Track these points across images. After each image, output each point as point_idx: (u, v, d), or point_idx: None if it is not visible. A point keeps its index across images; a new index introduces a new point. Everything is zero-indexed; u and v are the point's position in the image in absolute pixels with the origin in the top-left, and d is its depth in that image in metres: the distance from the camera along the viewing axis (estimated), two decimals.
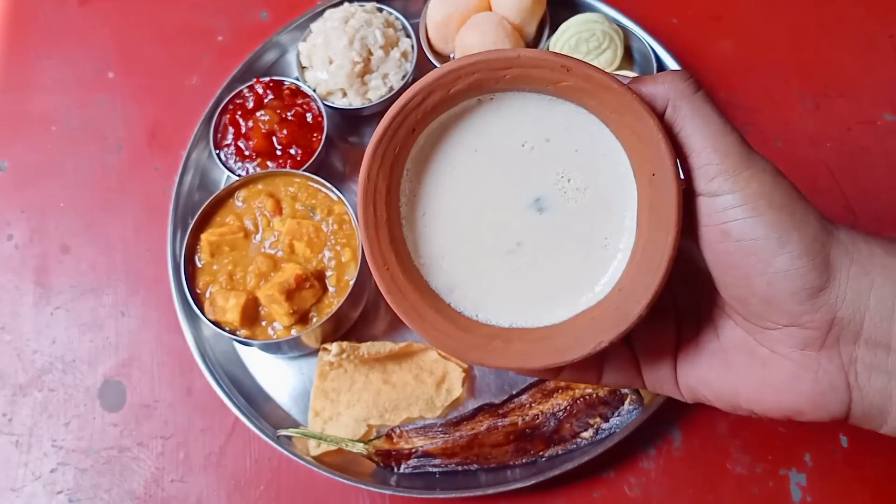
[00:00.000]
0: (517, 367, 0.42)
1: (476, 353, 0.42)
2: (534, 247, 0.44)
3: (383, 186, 0.43)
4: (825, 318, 0.39)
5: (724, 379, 0.44)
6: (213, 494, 0.77)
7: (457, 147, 0.45)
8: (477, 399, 0.78)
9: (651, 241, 0.41)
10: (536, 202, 0.44)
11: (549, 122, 0.44)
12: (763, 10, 0.97)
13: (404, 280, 0.43)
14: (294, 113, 0.86)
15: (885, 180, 0.86)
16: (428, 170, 0.45)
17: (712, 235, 0.40)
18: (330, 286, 0.76)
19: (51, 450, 0.80)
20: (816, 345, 0.40)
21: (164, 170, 0.92)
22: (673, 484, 0.74)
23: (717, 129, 0.40)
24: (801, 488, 0.73)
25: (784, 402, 0.41)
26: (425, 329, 0.43)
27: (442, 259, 0.44)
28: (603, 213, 0.43)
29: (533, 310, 0.44)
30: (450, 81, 0.42)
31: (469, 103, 0.44)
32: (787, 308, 0.39)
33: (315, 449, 0.75)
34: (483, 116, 0.44)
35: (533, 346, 0.42)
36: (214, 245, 0.78)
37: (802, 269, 0.38)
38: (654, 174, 0.40)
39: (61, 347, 0.84)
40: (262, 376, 0.81)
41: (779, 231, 0.38)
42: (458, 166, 0.44)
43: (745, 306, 0.41)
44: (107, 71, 1.00)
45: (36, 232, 0.90)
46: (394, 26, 0.91)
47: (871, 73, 0.92)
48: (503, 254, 0.44)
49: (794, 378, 0.41)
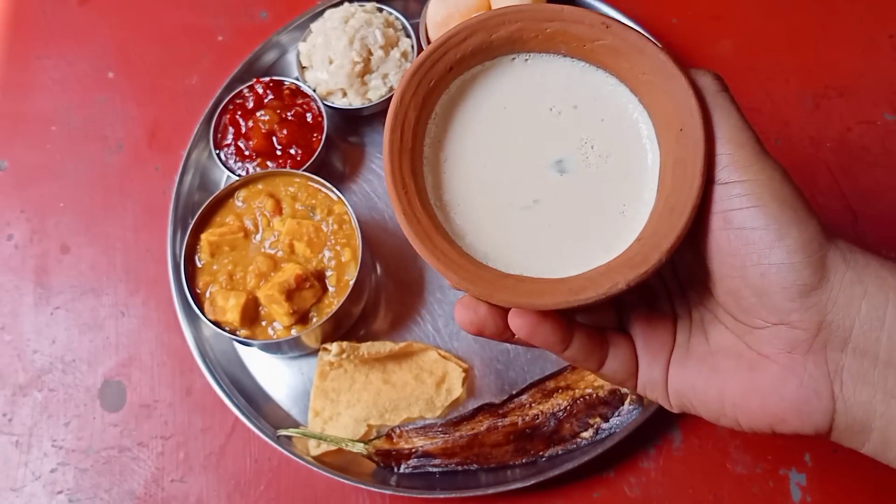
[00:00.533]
0: (528, 304, 0.40)
1: (485, 286, 0.40)
2: (550, 206, 0.44)
3: (413, 116, 0.43)
4: (814, 319, 0.39)
5: (711, 384, 0.43)
6: (213, 494, 0.77)
7: (487, 102, 0.46)
8: (477, 399, 0.78)
9: (675, 192, 0.40)
10: (558, 164, 0.44)
11: (578, 90, 0.45)
12: (763, 10, 0.97)
13: (421, 209, 0.42)
14: (294, 113, 0.86)
15: (885, 180, 0.86)
16: (456, 118, 0.45)
17: (715, 222, 0.40)
18: (330, 286, 0.76)
19: (51, 450, 0.80)
20: (803, 348, 0.40)
21: (164, 170, 0.92)
22: (673, 484, 0.74)
23: (735, 124, 0.40)
24: (801, 488, 0.73)
25: (768, 407, 0.41)
26: (436, 256, 0.41)
27: (457, 206, 0.44)
28: (623, 180, 0.43)
29: (544, 264, 0.43)
30: (494, 25, 0.44)
31: (504, 61, 0.45)
32: (777, 303, 0.39)
33: (315, 449, 0.75)
34: (516, 76, 0.46)
35: (545, 286, 0.41)
36: (214, 245, 0.78)
37: (797, 265, 0.38)
38: (682, 129, 0.40)
39: (61, 347, 0.84)
40: (262, 376, 0.82)
41: (779, 223, 0.38)
42: (485, 120, 0.45)
43: (737, 301, 0.41)
44: (107, 71, 1.00)
45: (36, 232, 0.90)
46: (394, 26, 0.91)
47: (871, 73, 0.92)
48: (519, 209, 0.44)
49: (779, 382, 0.40)
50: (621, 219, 0.43)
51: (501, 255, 0.43)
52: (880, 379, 0.39)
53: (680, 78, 0.41)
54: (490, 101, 0.46)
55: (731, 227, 0.39)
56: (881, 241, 0.83)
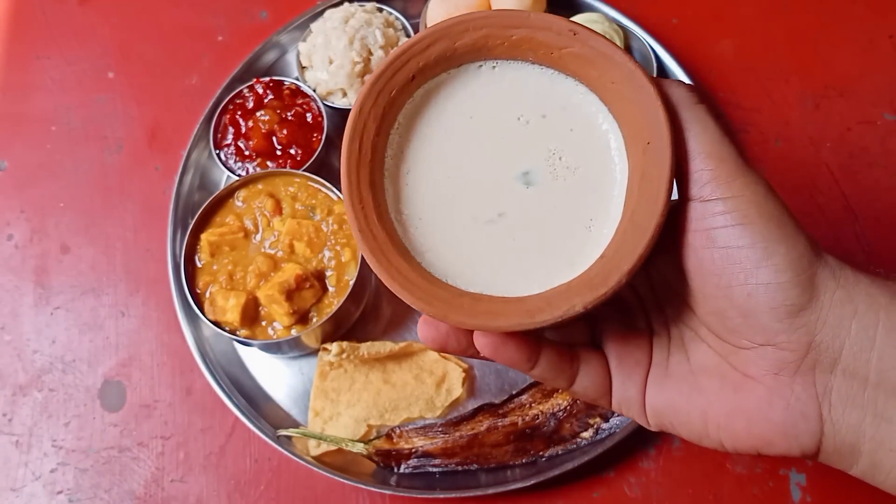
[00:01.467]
0: (482, 326, 0.38)
1: (440, 306, 0.39)
2: (515, 219, 0.42)
3: (373, 127, 0.42)
4: (802, 340, 0.37)
5: (693, 404, 0.41)
6: (213, 494, 0.77)
7: (452, 111, 0.44)
8: (477, 399, 0.78)
9: (640, 208, 0.39)
10: (524, 175, 0.43)
11: (547, 98, 0.43)
12: (763, 10, 0.97)
13: (378, 224, 0.41)
14: (294, 113, 0.86)
15: (885, 180, 0.86)
16: (419, 128, 0.44)
17: (698, 241, 0.39)
18: (330, 286, 0.76)
19: (51, 450, 0.80)
20: (791, 369, 0.38)
21: (164, 170, 0.92)
22: (673, 484, 0.74)
23: (714, 137, 0.39)
24: (801, 488, 0.73)
25: (754, 431, 0.39)
26: (391, 274, 0.40)
27: (419, 220, 0.43)
28: (591, 194, 0.42)
29: (506, 281, 0.41)
30: (458, 32, 0.42)
31: (470, 68, 0.44)
32: (764, 323, 0.38)
33: (315, 449, 0.75)
34: (482, 84, 0.44)
35: (502, 306, 0.39)
36: (214, 245, 0.78)
37: (785, 284, 0.37)
38: (650, 142, 0.39)
39: (61, 347, 0.84)
40: (262, 376, 0.82)
41: (766, 241, 0.37)
42: (450, 130, 0.44)
43: (722, 321, 0.40)
44: (107, 71, 1.00)
45: (36, 232, 0.90)
46: (394, 26, 0.91)
47: (871, 73, 0.92)
48: (483, 223, 0.42)
49: (765, 404, 0.39)
50: (588, 234, 0.41)
51: (462, 271, 0.42)
52: (870, 401, 0.37)
53: (649, 88, 0.39)
54: (455, 110, 0.44)
55: (716, 246, 0.38)
56: (881, 241, 0.83)
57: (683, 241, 0.40)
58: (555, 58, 0.42)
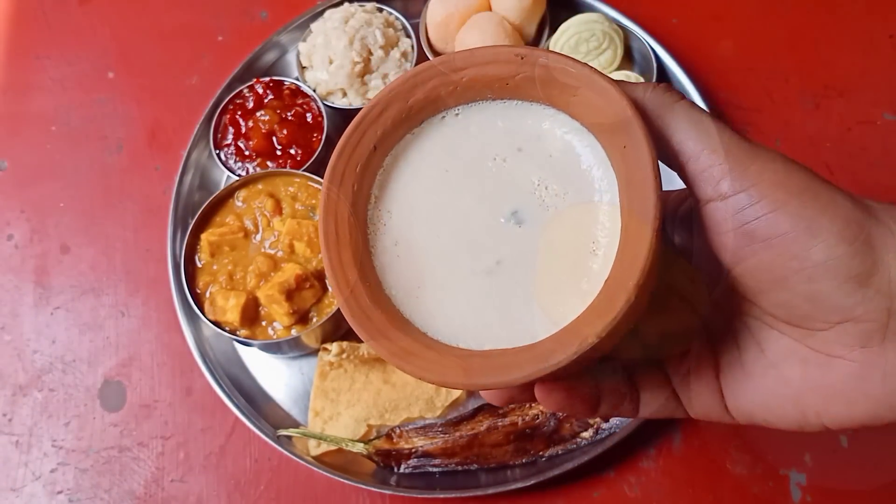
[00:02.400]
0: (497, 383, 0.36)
1: (452, 374, 0.37)
2: (514, 264, 0.40)
3: (345, 209, 0.41)
4: (881, 307, 0.34)
5: (784, 397, 0.39)
6: (213, 494, 0.77)
7: (425, 170, 0.42)
8: (477, 399, 0.78)
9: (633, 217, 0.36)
10: (514, 215, 0.41)
11: (518, 131, 0.41)
12: (763, 10, 0.97)
13: (371, 304, 0.39)
14: (294, 113, 0.86)
15: (885, 180, 0.86)
16: (397, 196, 0.42)
17: (734, 241, 0.36)
18: (330, 286, 0.76)
19: (51, 450, 0.80)
20: (877, 338, 0.35)
21: (164, 170, 0.92)
22: (673, 484, 0.74)
23: (710, 129, 0.36)
24: (801, 488, 0.73)
25: (857, 410, 0.37)
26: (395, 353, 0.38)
27: (417, 289, 0.41)
28: (586, 216, 0.39)
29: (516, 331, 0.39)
30: (407, 90, 0.41)
31: (433, 122, 0.42)
32: (836, 302, 0.35)
33: (315, 449, 0.75)
34: (449, 135, 0.42)
35: (513, 357, 0.37)
36: (214, 245, 0.78)
37: (843, 257, 0.34)
38: (626, 146, 0.36)
39: (61, 347, 0.84)
40: (262, 376, 0.82)
41: (806, 220, 0.34)
42: (429, 189, 0.42)
43: (789, 310, 0.37)
44: (107, 71, 1.00)
45: (36, 232, 0.90)
46: (394, 26, 0.91)
47: (871, 73, 0.92)
48: (483, 276, 0.40)
49: (860, 381, 0.36)
50: (594, 258, 0.38)
51: (471, 331, 0.39)
52: None
53: (610, 90, 0.37)
54: (428, 168, 0.42)
55: (756, 241, 0.35)
56: None
57: (720, 245, 0.37)
58: (511, 87, 0.41)
